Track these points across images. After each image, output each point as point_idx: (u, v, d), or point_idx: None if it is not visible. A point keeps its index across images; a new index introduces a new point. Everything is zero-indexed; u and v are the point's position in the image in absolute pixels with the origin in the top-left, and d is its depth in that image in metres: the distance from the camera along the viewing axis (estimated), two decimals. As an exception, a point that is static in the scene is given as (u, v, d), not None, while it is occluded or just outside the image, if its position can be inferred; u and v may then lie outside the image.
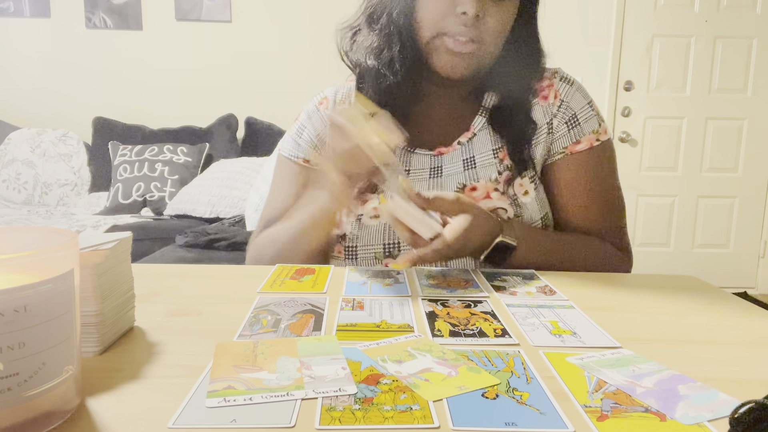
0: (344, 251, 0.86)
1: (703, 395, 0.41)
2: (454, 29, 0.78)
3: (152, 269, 0.74)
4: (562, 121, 0.87)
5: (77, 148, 3.11)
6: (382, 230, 0.85)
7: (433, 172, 0.87)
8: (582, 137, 0.87)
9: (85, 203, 2.98)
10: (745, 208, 3.31)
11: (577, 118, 0.87)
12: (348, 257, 0.86)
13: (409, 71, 0.84)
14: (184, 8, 3.24)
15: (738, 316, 0.62)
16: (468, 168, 0.86)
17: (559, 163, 0.88)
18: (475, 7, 0.75)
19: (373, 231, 0.85)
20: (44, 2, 3.22)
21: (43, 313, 0.34)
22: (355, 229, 0.85)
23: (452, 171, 0.86)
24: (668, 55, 3.18)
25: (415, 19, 0.81)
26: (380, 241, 0.84)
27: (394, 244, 0.84)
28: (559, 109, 0.88)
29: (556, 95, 0.88)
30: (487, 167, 0.86)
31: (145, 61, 3.29)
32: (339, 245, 0.86)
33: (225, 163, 2.83)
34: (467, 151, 0.87)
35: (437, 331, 0.53)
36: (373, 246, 0.84)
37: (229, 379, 0.42)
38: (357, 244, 0.85)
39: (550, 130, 0.88)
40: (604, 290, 0.70)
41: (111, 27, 3.25)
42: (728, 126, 3.23)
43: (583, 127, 0.87)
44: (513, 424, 0.37)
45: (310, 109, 0.94)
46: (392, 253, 0.84)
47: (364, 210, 0.86)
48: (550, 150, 0.88)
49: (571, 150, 0.87)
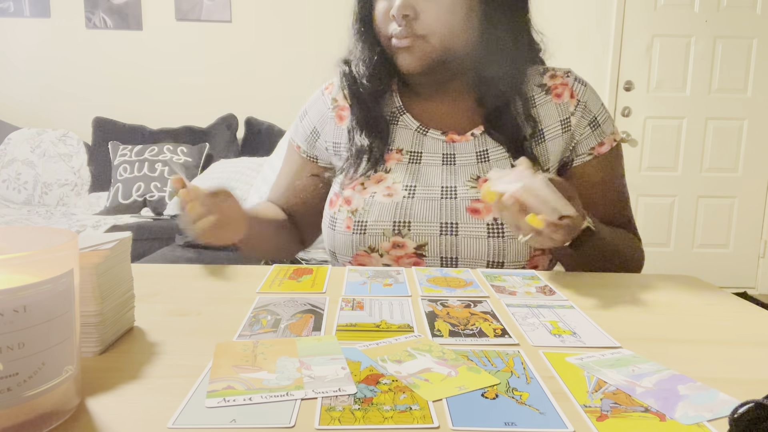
0: (353, 226, 0.86)
1: (702, 395, 0.41)
2: (394, 30, 0.84)
3: (152, 269, 0.74)
4: (583, 122, 0.89)
5: (77, 148, 3.11)
6: (394, 208, 0.85)
7: (445, 158, 0.89)
8: (604, 138, 0.90)
9: (85, 203, 2.98)
10: (745, 208, 3.30)
11: (597, 120, 0.90)
12: (356, 231, 0.86)
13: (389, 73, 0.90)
14: (184, 8, 3.24)
15: (738, 316, 0.62)
16: (481, 161, 0.88)
17: (587, 164, 0.90)
18: (399, 9, 0.81)
19: (385, 208, 0.86)
20: (44, 2, 3.22)
21: (42, 313, 0.34)
22: (367, 204, 0.86)
23: (466, 161, 0.88)
24: (668, 55, 3.18)
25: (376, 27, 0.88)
26: (390, 219, 0.85)
27: (403, 223, 0.85)
28: (577, 108, 0.89)
29: (573, 95, 0.89)
30: (500, 161, 0.87)
31: (145, 61, 3.29)
32: (348, 219, 0.87)
33: (225, 163, 2.83)
34: (480, 144, 0.89)
35: (437, 331, 0.53)
36: (383, 222, 0.85)
37: (229, 379, 0.42)
38: (367, 219, 0.86)
39: (566, 127, 0.88)
40: (604, 290, 0.70)
41: (111, 27, 3.25)
42: (728, 126, 3.23)
43: (603, 128, 0.90)
44: (512, 424, 0.37)
45: (316, 94, 1.00)
46: (401, 231, 0.85)
47: (377, 188, 0.87)
48: (575, 150, 0.89)
49: (597, 152, 0.89)
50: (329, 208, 0.93)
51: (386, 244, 0.85)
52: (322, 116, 0.97)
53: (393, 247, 0.85)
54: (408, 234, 0.85)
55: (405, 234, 0.85)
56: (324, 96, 0.98)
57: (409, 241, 0.84)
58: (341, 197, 0.90)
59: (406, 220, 0.85)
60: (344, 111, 0.95)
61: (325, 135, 0.96)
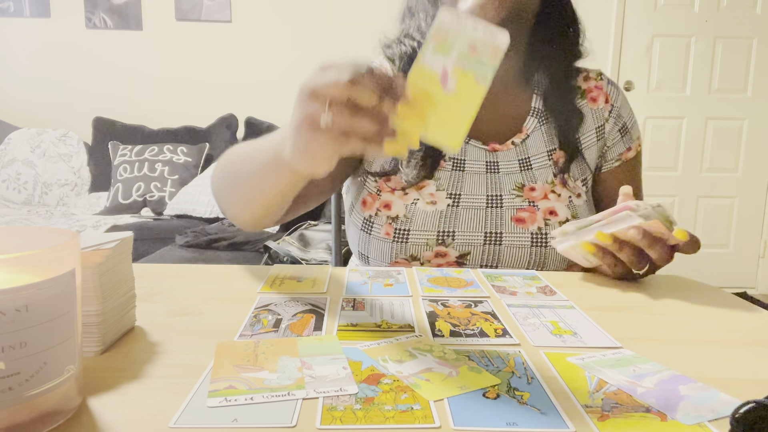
0: (393, 233, 0.83)
1: (703, 395, 0.41)
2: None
3: (152, 269, 0.74)
4: (614, 129, 0.89)
5: (77, 148, 3.11)
6: (439, 217, 0.83)
7: (489, 166, 0.87)
8: (631, 144, 0.90)
9: (85, 203, 2.98)
10: (745, 208, 3.31)
11: (626, 126, 0.90)
12: (397, 239, 0.83)
13: None
14: (184, 8, 3.24)
15: (738, 316, 0.62)
16: (525, 169, 0.86)
17: (616, 170, 0.90)
18: None
19: (429, 217, 0.83)
20: (44, 2, 3.22)
21: (44, 313, 0.34)
22: (409, 212, 0.84)
23: (509, 170, 0.86)
24: (668, 55, 3.18)
25: None
26: (435, 228, 0.83)
27: (448, 233, 0.83)
28: (611, 114, 0.89)
29: (607, 99, 0.89)
30: (543, 169, 0.87)
31: (146, 61, 3.29)
32: (388, 226, 0.84)
33: (225, 163, 2.82)
34: (522, 152, 0.87)
35: (438, 331, 0.53)
36: (427, 232, 0.83)
37: (230, 379, 0.42)
38: (409, 227, 0.83)
39: (601, 135, 0.88)
40: (605, 290, 0.70)
41: (111, 27, 3.25)
42: (728, 126, 3.23)
43: (631, 134, 0.90)
44: (514, 424, 0.37)
45: None
46: (445, 241, 0.82)
47: (419, 194, 0.84)
48: (605, 156, 0.89)
49: (625, 157, 0.90)
50: (363, 209, 0.88)
51: (428, 253, 0.83)
52: None
53: (435, 256, 0.83)
54: (452, 243, 0.83)
55: (449, 244, 0.83)
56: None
57: (452, 250, 0.83)
58: (379, 200, 0.86)
59: (451, 229, 0.83)
60: None
61: None
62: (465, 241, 0.83)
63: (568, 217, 0.84)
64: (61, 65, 3.28)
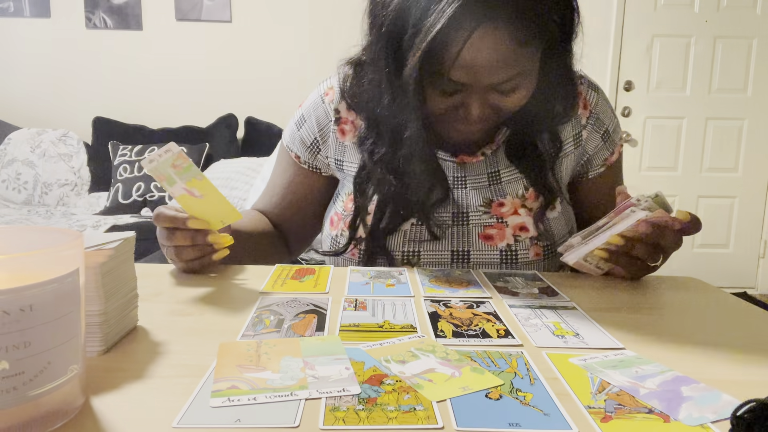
0: (359, 254, 0.83)
1: (706, 396, 0.41)
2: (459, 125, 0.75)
3: (154, 269, 0.74)
4: (595, 136, 0.86)
5: (77, 148, 3.11)
6: (402, 237, 0.81)
7: (456, 181, 0.83)
8: (614, 148, 0.89)
9: (85, 203, 2.98)
10: (745, 208, 3.31)
11: (608, 132, 0.88)
12: (362, 261, 0.83)
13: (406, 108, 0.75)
14: (184, 8, 3.24)
15: (739, 317, 0.62)
16: (493, 183, 0.83)
17: (599, 175, 0.89)
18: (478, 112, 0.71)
19: (392, 237, 0.81)
20: (44, 2, 3.22)
21: (48, 313, 0.34)
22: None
23: (477, 184, 0.83)
24: (668, 55, 3.18)
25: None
26: (399, 249, 0.81)
27: (413, 253, 0.81)
28: (589, 120, 0.85)
29: (586, 105, 0.86)
30: (513, 182, 0.83)
31: (145, 61, 3.29)
32: (353, 246, 0.83)
33: (225, 163, 2.83)
34: (492, 164, 0.84)
35: (440, 332, 0.53)
36: (392, 252, 0.81)
37: (233, 379, 0.42)
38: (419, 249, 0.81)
39: (578, 142, 0.85)
40: (606, 291, 0.70)
41: (111, 27, 3.25)
42: (728, 126, 3.23)
43: (613, 138, 0.88)
44: (517, 424, 0.37)
45: (314, 99, 0.90)
46: (410, 260, 0.81)
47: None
48: (591, 162, 0.88)
49: (609, 162, 0.89)
50: (330, 228, 0.87)
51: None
52: (322, 128, 0.88)
53: None
54: (418, 263, 0.81)
55: (414, 263, 0.81)
56: (324, 104, 0.88)
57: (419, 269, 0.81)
58: (344, 220, 0.85)
59: (416, 249, 0.81)
60: (347, 125, 0.86)
61: (327, 150, 0.88)
62: (431, 260, 0.81)
63: (534, 235, 0.81)
64: (61, 65, 3.28)
